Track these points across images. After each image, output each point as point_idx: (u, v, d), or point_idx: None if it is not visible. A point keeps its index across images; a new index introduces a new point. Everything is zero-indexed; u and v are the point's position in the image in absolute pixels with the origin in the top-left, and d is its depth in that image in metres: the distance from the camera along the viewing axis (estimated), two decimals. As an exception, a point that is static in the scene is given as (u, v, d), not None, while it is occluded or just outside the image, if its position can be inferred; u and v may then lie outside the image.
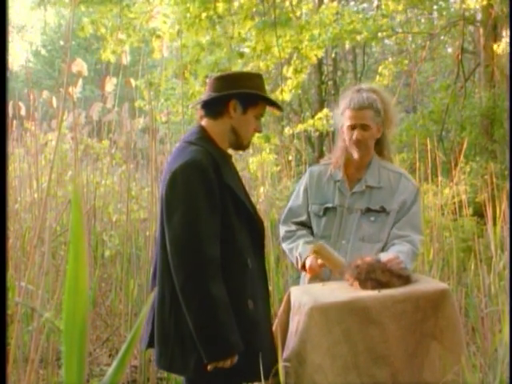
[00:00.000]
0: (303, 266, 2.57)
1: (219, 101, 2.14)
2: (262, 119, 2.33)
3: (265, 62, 7.02)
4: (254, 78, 2.21)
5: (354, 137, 2.56)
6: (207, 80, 2.27)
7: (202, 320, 1.96)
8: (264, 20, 6.92)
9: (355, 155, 2.60)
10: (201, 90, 6.78)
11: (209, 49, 6.98)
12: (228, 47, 6.93)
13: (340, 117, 2.64)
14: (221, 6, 6.76)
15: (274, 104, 2.30)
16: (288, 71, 7.17)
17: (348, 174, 2.65)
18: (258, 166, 6.78)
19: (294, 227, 2.69)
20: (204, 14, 6.72)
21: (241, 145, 2.22)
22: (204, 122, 2.20)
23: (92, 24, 7.41)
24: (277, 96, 7.27)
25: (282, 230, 2.74)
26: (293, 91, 7.26)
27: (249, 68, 7.10)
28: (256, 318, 2.10)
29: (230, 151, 2.29)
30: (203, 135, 2.16)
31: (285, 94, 7.14)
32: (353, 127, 2.57)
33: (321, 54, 7.37)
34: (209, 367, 1.98)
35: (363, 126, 2.55)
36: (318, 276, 2.54)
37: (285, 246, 2.71)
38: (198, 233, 1.98)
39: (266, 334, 2.17)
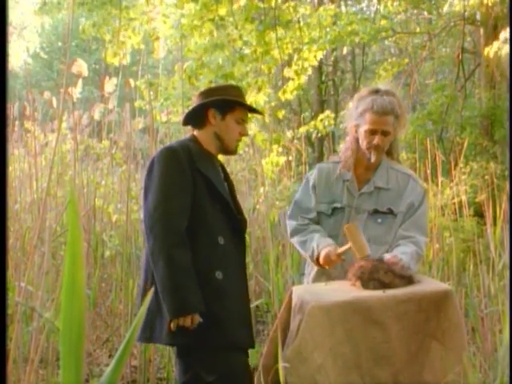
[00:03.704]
0: (317, 258, 2.53)
1: (198, 112, 2.40)
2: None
3: (266, 64, 7.03)
4: (229, 89, 2.46)
5: (375, 142, 2.52)
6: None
7: (164, 281, 2.18)
8: (264, 21, 6.92)
9: (373, 159, 2.56)
10: None
11: (212, 51, 7.00)
12: (230, 50, 6.95)
13: (357, 117, 2.58)
14: (223, 8, 6.76)
15: (251, 109, 2.56)
16: (289, 72, 7.18)
17: (357, 174, 2.63)
18: (272, 167, 6.82)
19: (306, 221, 2.65)
20: (206, 17, 6.73)
21: (227, 149, 2.45)
22: (195, 132, 2.46)
23: (93, 27, 7.43)
24: (279, 97, 7.31)
25: (292, 223, 2.69)
26: (294, 92, 7.28)
27: (250, 70, 7.13)
28: (225, 289, 2.28)
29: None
30: (191, 137, 2.44)
31: (286, 94, 7.17)
32: (373, 132, 2.53)
33: (321, 55, 7.37)
34: (172, 325, 2.18)
35: (384, 132, 2.53)
36: (331, 267, 2.50)
37: (296, 238, 2.66)
38: (166, 206, 2.23)
39: (237, 306, 2.33)
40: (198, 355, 2.28)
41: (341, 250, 2.45)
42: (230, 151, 2.47)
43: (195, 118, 2.43)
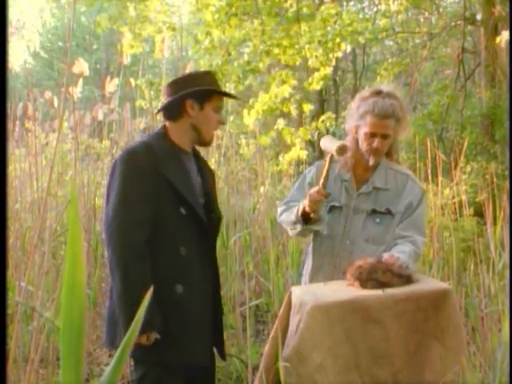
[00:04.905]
0: (303, 212, 2.48)
1: (175, 104, 2.27)
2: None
3: (292, 57, 7.09)
4: (203, 75, 2.34)
5: (375, 145, 2.51)
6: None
7: (120, 296, 2.10)
8: (287, 15, 6.97)
9: (371, 162, 2.56)
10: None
11: (238, 45, 7.07)
12: (256, 44, 7.00)
13: (357, 118, 2.57)
14: (248, 1, 6.81)
15: (227, 95, 2.50)
16: (315, 63, 7.26)
17: (356, 174, 2.62)
18: (289, 162, 6.85)
19: (295, 204, 2.63)
20: (230, 12, 6.78)
21: (204, 140, 2.34)
22: (167, 124, 2.35)
23: (109, 20, 7.47)
24: (306, 87, 7.39)
25: (281, 207, 2.68)
26: (321, 82, 7.36)
27: (276, 64, 7.23)
28: (185, 304, 2.18)
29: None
30: (160, 132, 2.32)
31: (315, 84, 7.24)
32: (373, 135, 2.51)
33: (344, 47, 7.43)
34: None
35: (384, 136, 2.51)
36: (318, 206, 2.45)
37: (283, 214, 2.64)
38: (124, 217, 2.13)
39: (197, 322, 2.23)
40: (147, 369, 2.20)
41: (321, 180, 2.43)
42: (206, 142, 2.36)
43: (170, 109, 2.30)
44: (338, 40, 7.13)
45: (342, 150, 2.41)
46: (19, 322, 2.53)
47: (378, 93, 2.56)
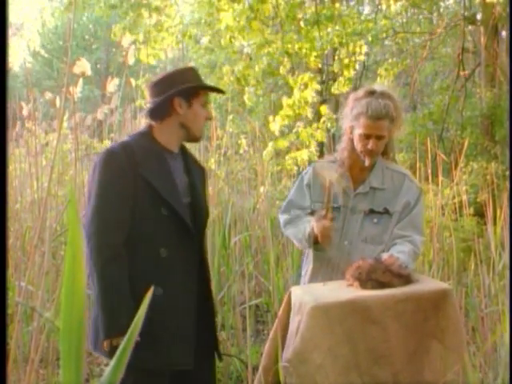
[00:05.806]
0: (315, 238, 2.49)
1: (164, 104, 2.24)
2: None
3: (314, 59, 7.12)
4: (187, 72, 2.32)
5: (370, 147, 2.51)
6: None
7: (98, 298, 2.08)
8: (306, 18, 6.98)
9: (367, 163, 2.56)
10: (250, 98, 7.07)
11: (260, 49, 7.09)
12: (277, 47, 7.01)
13: (352, 119, 2.56)
14: (267, 5, 6.81)
15: (214, 89, 2.51)
16: (338, 67, 7.31)
17: (352, 174, 2.62)
18: (298, 162, 6.89)
19: (298, 212, 2.64)
20: (250, 17, 6.79)
21: (194, 136, 2.31)
22: (153, 124, 2.30)
23: (124, 29, 7.48)
24: (333, 90, 7.47)
25: (284, 216, 2.68)
26: (346, 86, 7.42)
27: (296, 66, 7.29)
28: (165, 306, 2.14)
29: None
30: (145, 131, 2.29)
31: (341, 88, 7.29)
32: (367, 136, 2.50)
33: (365, 49, 7.46)
34: (105, 344, 2.07)
35: (378, 137, 2.50)
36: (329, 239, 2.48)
37: (289, 227, 2.64)
38: (101, 219, 2.11)
39: (178, 324, 2.19)
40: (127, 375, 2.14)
41: (325, 210, 2.46)
42: (196, 139, 2.33)
43: (159, 110, 2.26)
44: (359, 42, 7.12)
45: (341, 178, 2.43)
46: (19, 322, 2.53)
47: (372, 93, 2.55)
